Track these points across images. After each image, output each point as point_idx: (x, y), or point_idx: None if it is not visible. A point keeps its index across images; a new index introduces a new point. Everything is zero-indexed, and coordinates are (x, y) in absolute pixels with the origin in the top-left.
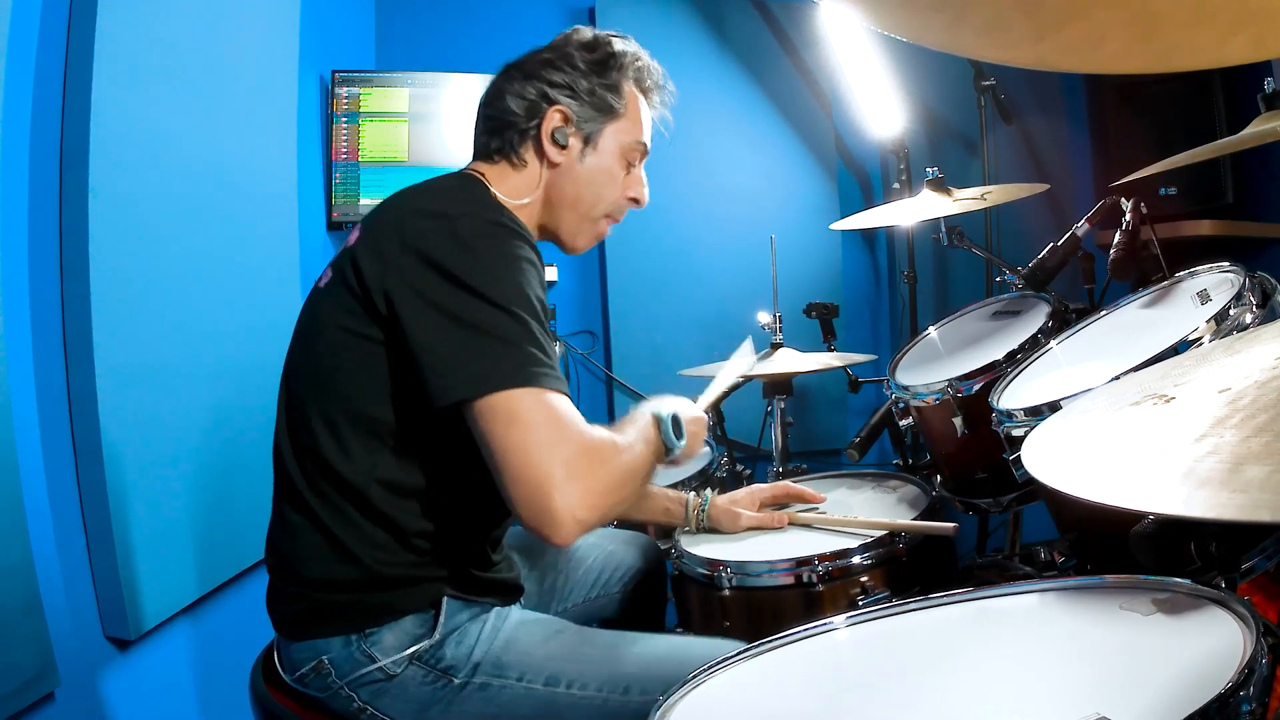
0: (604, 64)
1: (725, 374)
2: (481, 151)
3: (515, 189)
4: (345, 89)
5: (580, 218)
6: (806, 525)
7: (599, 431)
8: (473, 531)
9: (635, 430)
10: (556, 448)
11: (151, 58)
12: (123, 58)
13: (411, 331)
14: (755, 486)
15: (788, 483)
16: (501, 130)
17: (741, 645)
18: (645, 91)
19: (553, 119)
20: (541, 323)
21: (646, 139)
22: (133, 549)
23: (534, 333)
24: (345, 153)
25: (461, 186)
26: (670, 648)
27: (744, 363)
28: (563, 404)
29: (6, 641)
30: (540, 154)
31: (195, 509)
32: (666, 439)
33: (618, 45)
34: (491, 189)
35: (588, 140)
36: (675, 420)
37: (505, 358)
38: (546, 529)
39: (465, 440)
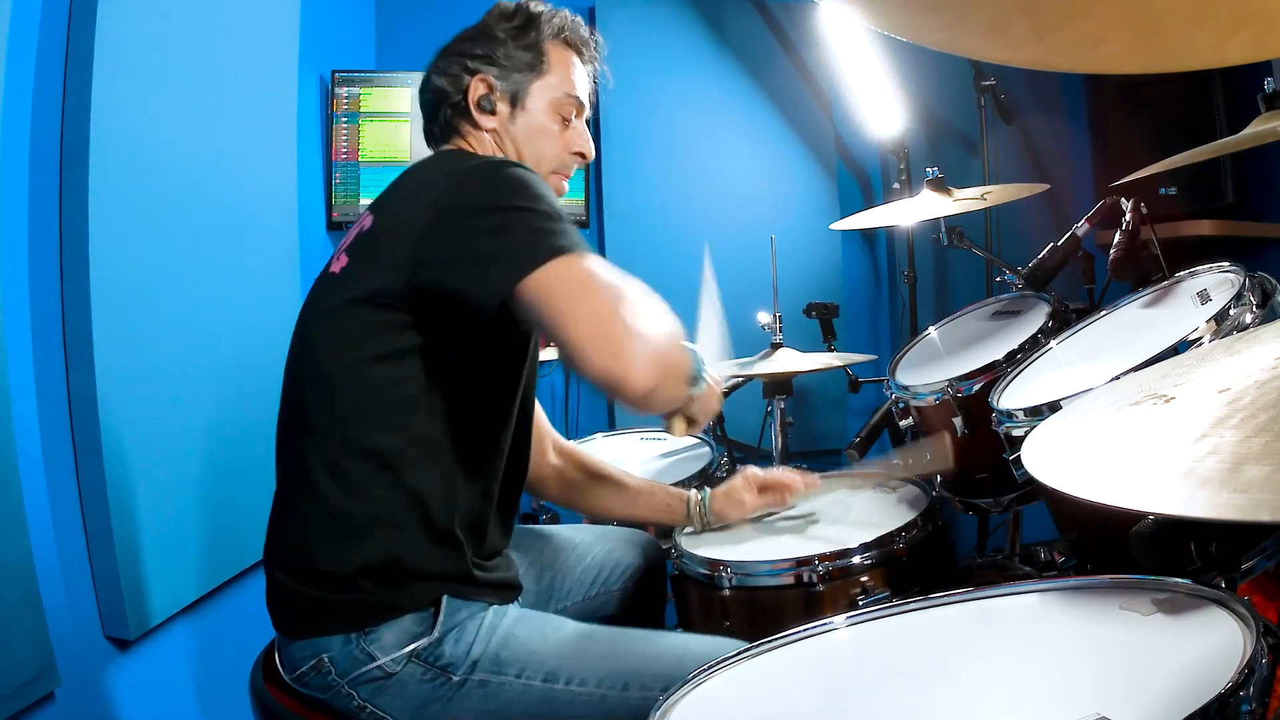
0: (522, 28)
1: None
2: (430, 138)
3: None
4: (345, 89)
5: None
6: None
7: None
8: (485, 508)
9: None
10: (618, 290)
11: (151, 58)
12: (123, 58)
13: (450, 274)
14: (749, 470)
15: (781, 469)
16: (436, 111)
17: (741, 644)
18: (571, 46)
19: (477, 88)
20: (564, 216)
21: (579, 93)
22: (133, 549)
23: (560, 217)
24: (345, 153)
25: (452, 154)
26: (669, 645)
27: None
28: (607, 266)
29: (6, 641)
30: (475, 125)
31: (195, 509)
32: (696, 365)
33: (535, 8)
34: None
35: (514, 101)
36: (697, 354)
37: (540, 238)
38: (623, 363)
39: (493, 396)
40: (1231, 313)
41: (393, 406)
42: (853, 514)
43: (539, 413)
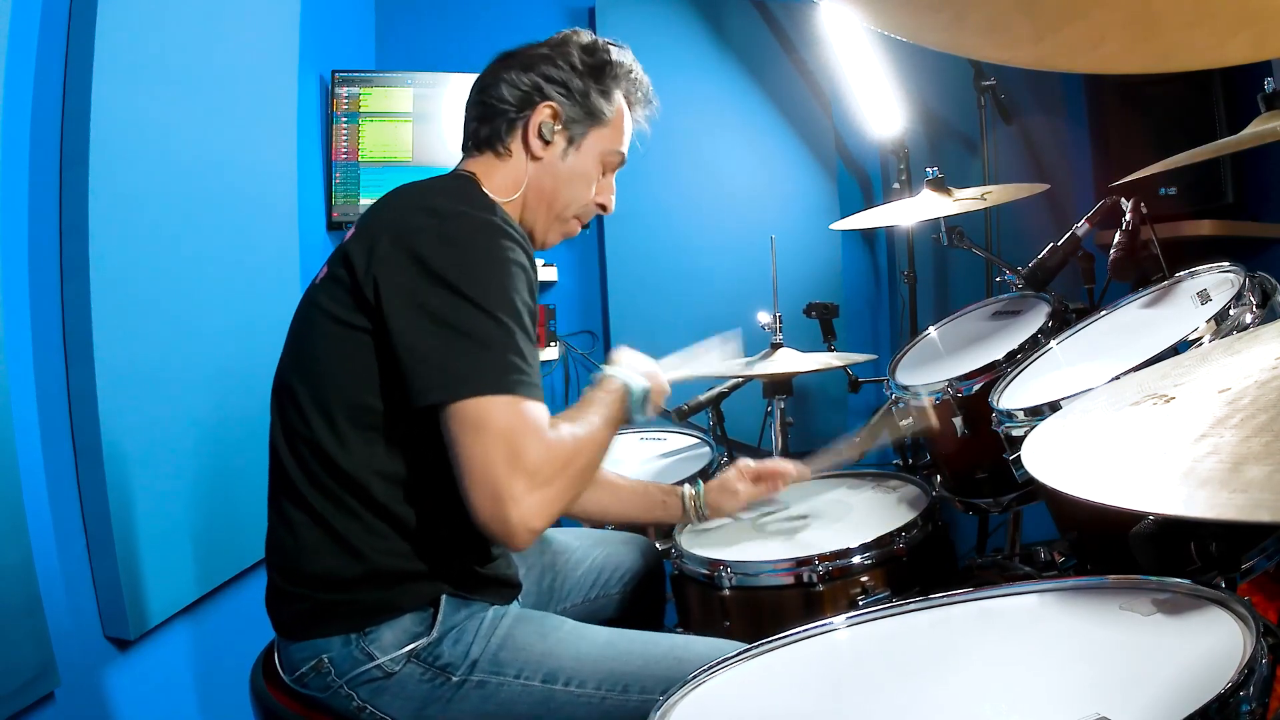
0: (601, 70)
1: (698, 362)
2: (470, 139)
3: (503, 185)
4: (345, 89)
5: (554, 216)
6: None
7: (564, 431)
8: (472, 524)
9: (601, 405)
10: (519, 459)
11: (151, 58)
12: (123, 58)
13: (395, 328)
14: (741, 462)
15: (774, 459)
16: (492, 118)
17: (741, 645)
18: (631, 104)
19: (542, 113)
20: (525, 328)
21: (625, 150)
22: (133, 549)
23: (515, 338)
24: (345, 153)
25: (456, 185)
26: (670, 646)
27: (721, 357)
28: (533, 411)
29: (6, 641)
30: (525, 146)
31: (195, 509)
32: (632, 411)
33: (615, 55)
34: (484, 188)
35: (571, 141)
36: (645, 395)
37: (482, 363)
38: (502, 538)
39: None
40: (1231, 313)
41: (356, 436)
42: (853, 514)
43: None
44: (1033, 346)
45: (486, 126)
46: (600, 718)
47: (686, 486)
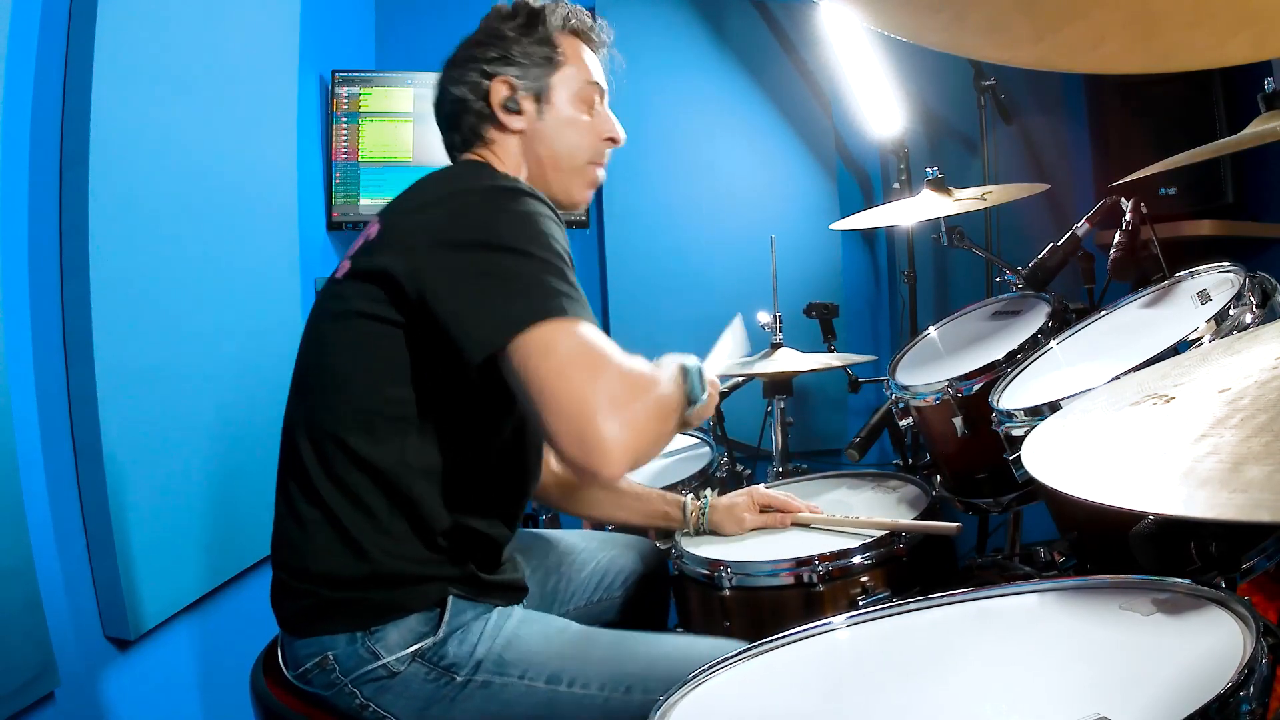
0: (529, 24)
1: (720, 352)
2: (451, 149)
3: (506, 169)
4: (345, 89)
5: (567, 173)
6: (807, 525)
7: (634, 360)
8: (488, 523)
9: (665, 373)
10: (597, 375)
11: (151, 58)
12: (123, 58)
13: (442, 307)
14: (755, 489)
15: (790, 495)
16: (458, 121)
17: (744, 646)
18: (579, 35)
19: (499, 91)
20: (565, 261)
21: (598, 78)
22: (133, 549)
23: (558, 268)
24: (345, 153)
25: (469, 168)
26: (673, 647)
27: (736, 347)
28: (595, 333)
29: (6, 641)
30: (501, 128)
31: (195, 509)
32: (692, 390)
33: (536, 3)
34: (494, 168)
35: (539, 98)
36: (700, 373)
37: (531, 295)
38: (594, 459)
39: (489, 416)
40: (1231, 313)
41: (387, 426)
42: (853, 514)
43: None
44: (1033, 346)
45: (458, 132)
46: (603, 718)
47: (691, 499)
